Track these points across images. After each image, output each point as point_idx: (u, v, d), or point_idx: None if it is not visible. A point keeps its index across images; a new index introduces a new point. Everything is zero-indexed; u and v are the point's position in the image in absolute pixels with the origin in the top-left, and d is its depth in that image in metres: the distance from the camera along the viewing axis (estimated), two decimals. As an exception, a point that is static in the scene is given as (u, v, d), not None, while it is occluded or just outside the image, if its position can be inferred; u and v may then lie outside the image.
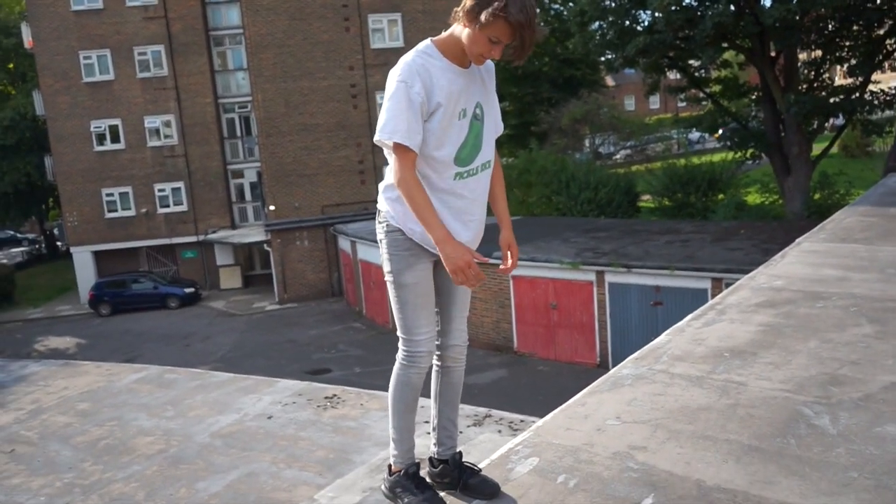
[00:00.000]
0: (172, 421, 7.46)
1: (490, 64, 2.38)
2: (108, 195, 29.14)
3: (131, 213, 29.27)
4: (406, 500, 2.63)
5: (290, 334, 21.72)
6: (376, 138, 2.18)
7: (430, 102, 2.16)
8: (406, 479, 2.72)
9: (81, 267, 29.57)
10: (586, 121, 29.03)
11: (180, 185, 29.29)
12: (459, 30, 2.18)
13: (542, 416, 7.19)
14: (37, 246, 47.73)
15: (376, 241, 2.64)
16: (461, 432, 6.56)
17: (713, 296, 12.75)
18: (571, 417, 3.14)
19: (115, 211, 29.25)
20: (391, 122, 2.14)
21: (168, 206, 29.37)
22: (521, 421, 6.77)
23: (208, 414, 7.63)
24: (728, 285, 11.98)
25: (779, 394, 3.18)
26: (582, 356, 15.31)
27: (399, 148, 2.16)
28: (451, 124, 2.23)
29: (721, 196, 21.38)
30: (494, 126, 2.47)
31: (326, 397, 7.82)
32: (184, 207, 29.36)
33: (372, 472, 5.93)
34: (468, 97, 2.28)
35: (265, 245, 26.55)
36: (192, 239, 29.47)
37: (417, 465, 2.76)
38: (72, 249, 30.15)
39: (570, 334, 15.51)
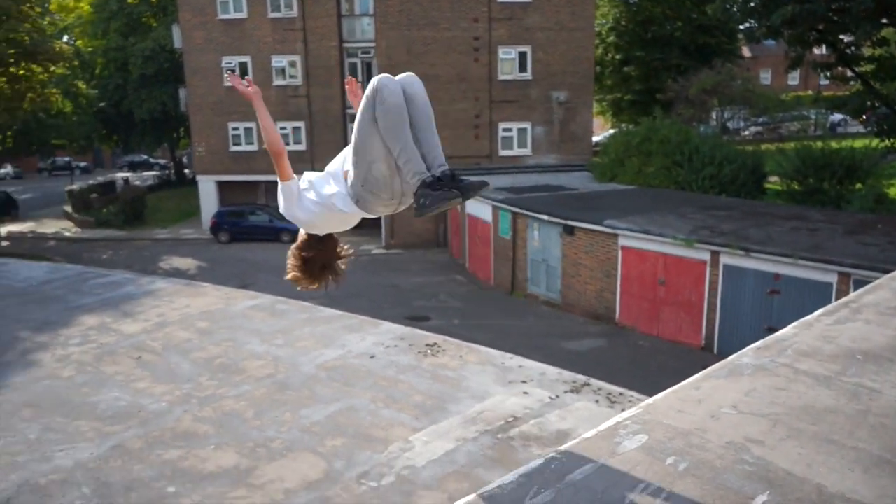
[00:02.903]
0: (281, 349, 7.83)
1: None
2: (233, 129, 30.51)
3: (254, 147, 30.54)
4: (427, 198, 3.00)
5: (393, 279, 22.24)
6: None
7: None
8: (423, 186, 3.04)
9: (205, 195, 31.32)
10: (716, 92, 27.53)
11: (301, 124, 30.22)
12: None
13: (640, 391, 7.08)
14: (167, 172, 50.86)
15: (485, 197, 3.07)
16: (557, 396, 6.56)
17: (838, 291, 11.99)
18: (684, 400, 3.05)
19: (239, 145, 30.62)
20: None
21: (288, 144, 30.38)
22: (620, 394, 6.67)
23: (314, 346, 7.96)
24: (857, 282, 11.23)
25: (917, 405, 2.96)
26: (686, 336, 14.86)
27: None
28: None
29: (859, 185, 19.85)
30: None
31: (427, 345, 7.97)
32: (302, 147, 30.33)
33: (466, 423, 6.05)
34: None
35: (377, 190, 27.12)
36: (309, 178, 30.48)
37: (431, 175, 3.09)
38: (198, 178, 31.94)
39: (675, 312, 15.06)
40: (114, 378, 7.15)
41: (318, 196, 3.34)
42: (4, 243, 29.83)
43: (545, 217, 17.92)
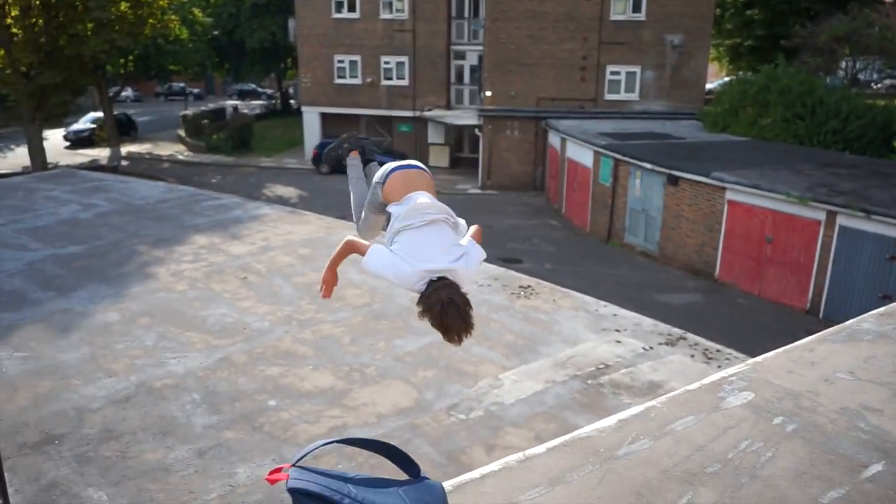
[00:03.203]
0: (378, 280, 8.01)
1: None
2: (339, 62, 30.79)
3: (357, 81, 30.79)
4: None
5: (487, 220, 22.21)
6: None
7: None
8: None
9: (309, 125, 32.02)
10: (849, 40, 25.35)
11: (405, 59, 30.13)
12: None
13: (737, 350, 6.83)
14: (273, 101, 52.18)
15: (587, 142, 2.86)
16: (651, 348, 6.45)
17: (968, 262, 11.08)
18: (795, 361, 2.92)
19: (344, 78, 30.93)
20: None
21: (391, 78, 30.48)
22: (718, 351, 6.48)
23: (410, 280, 8.10)
24: None
25: None
26: (790, 298, 14.20)
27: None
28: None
29: None
30: None
31: (521, 286, 7.97)
32: (405, 82, 30.32)
33: (556, 366, 6.05)
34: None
35: (476, 129, 26.90)
36: (409, 114, 30.55)
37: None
38: (302, 108, 32.61)
39: (781, 272, 14.37)
40: (221, 295, 7.56)
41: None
42: (124, 162, 31.69)
43: (649, 166, 17.31)
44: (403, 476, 1.87)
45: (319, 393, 5.48)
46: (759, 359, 2.97)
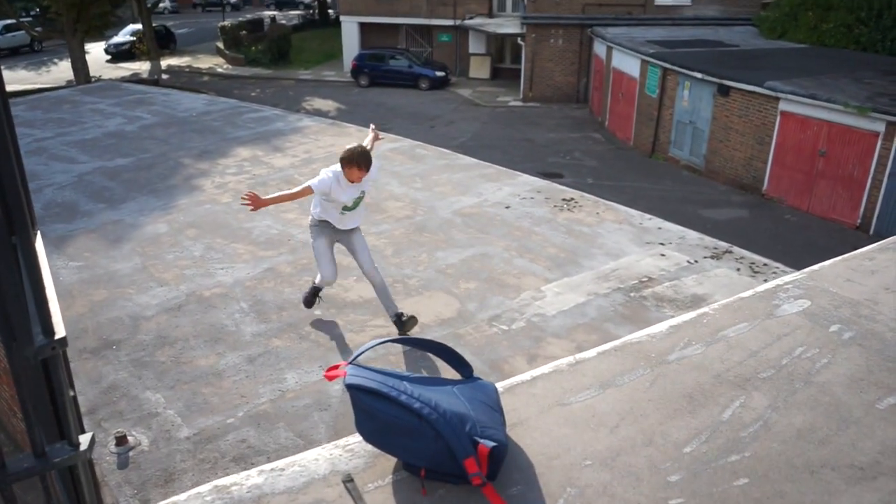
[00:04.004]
0: (420, 192, 7.99)
1: (373, 175, 5.04)
2: (378, -33, 29.81)
3: (397, -12, 29.86)
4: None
5: (528, 133, 21.83)
6: (312, 185, 4.86)
7: (333, 191, 4.84)
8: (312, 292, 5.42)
9: (347, 36, 31.37)
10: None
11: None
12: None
13: (785, 265, 6.68)
14: (310, 11, 51.10)
15: (634, 50, 4.19)
16: (696, 261, 6.35)
17: None
18: (855, 269, 2.83)
19: (383, -15, 30.01)
20: (317, 184, 4.83)
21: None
22: (765, 265, 6.36)
23: (451, 193, 8.06)
24: None
25: None
26: (840, 213, 13.78)
27: (310, 190, 4.84)
28: (340, 201, 4.93)
29: None
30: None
31: (564, 199, 7.86)
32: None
33: (599, 279, 6.02)
34: (353, 192, 4.94)
35: (519, 38, 26.03)
36: (449, 23, 29.65)
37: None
38: (341, 18, 31.88)
39: (832, 187, 13.90)
40: (266, 207, 7.66)
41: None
42: (165, 76, 31.68)
43: (699, 75, 16.60)
44: (456, 377, 1.89)
45: (363, 303, 5.56)
46: (815, 267, 2.89)
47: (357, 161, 4.72)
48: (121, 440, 3.91)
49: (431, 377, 1.78)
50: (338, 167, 4.85)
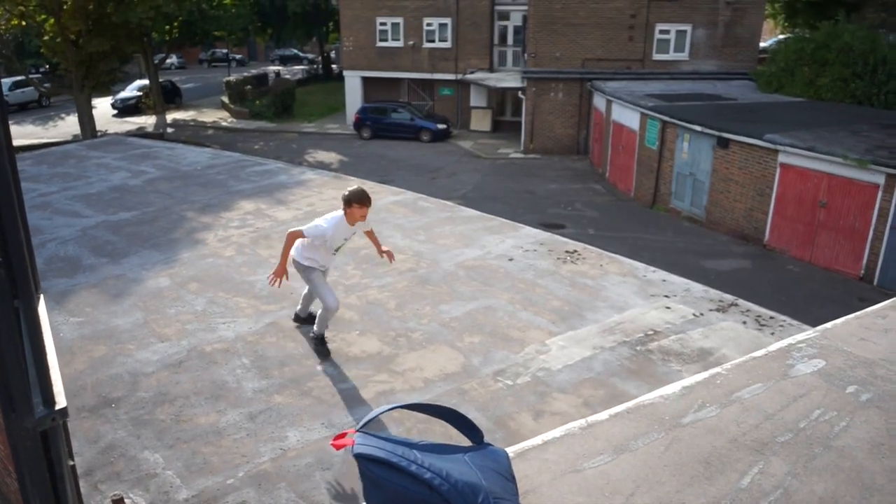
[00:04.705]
0: (423, 245, 7.98)
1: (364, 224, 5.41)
2: (381, 24, 30.53)
3: (399, 44, 30.53)
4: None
5: (529, 184, 22.00)
6: (302, 228, 5.21)
7: (331, 236, 5.18)
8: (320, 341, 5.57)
9: (350, 90, 31.95)
10: (913, -7, 24.09)
11: (447, 21, 29.73)
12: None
13: (790, 317, 6.62)
14: (315, 66, 52.18)
15: (633, 103, 4.91)
16: (702, 314, 6.30)
17: None
18: (868, 328, 2.78)
19: (386, 41, 30.69)
20: (311, 229, 5.18)
21: (433, 41, 30.15)
22: (771, 318, 6.30)
23: (454, 245, 8.05)
24: None
25: None
26: (843, 264, 13.76)
27: (301, 234, 5.19)
28: (335, 244, 5.33)
29: None
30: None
31: (567, 251, 7.85)
32: (447, 44, 29.97)
33: (604, 332, 5.96)
34: (348, 234, 5.35)
35: (519, 92, 26.48)
36: (451, 77, 30.24)
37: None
38: (344, 72, 32.52)
39: (834, 238, 13.92)
40: (268, 260, 7.61)
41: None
42: (170, 129, 32.15)
43: (698, 128, 16.82)
44: (466, 442, 1.84)
45: (367, 358, 5.49)
46: (828, 325, 2.84)
47: (364, 199, 5.09)
48: (118, 503, 3.80)
49: (442, 444, 1.72)
50: (335, 214, 5.19)
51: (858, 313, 2.93)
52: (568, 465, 1.95)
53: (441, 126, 28.74)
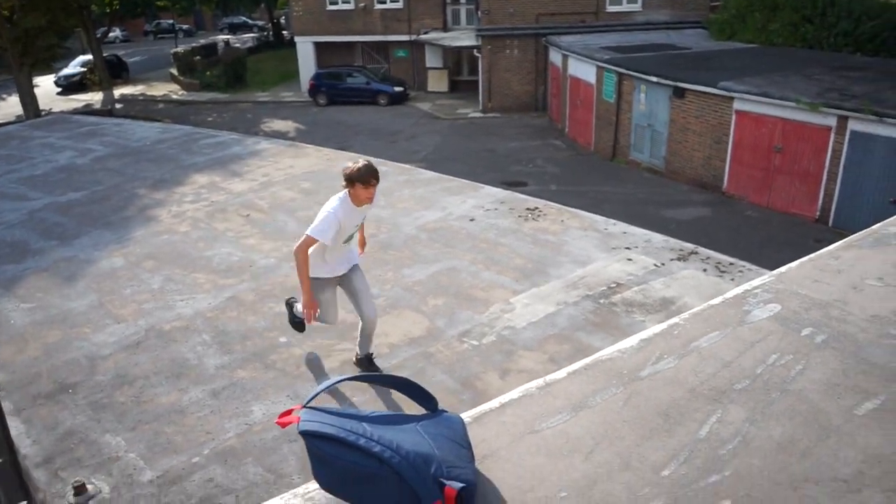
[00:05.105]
0: (383, 210, 7.88)
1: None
2: (331, -14, 29.79)
3: (350, 6, 29.84)
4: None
5: (489, 143, 21.89)
6: (308, 232, 4.18)
7: (342, 223, 4.21)
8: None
9: (303, 56, 31.23)
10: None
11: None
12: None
13: (749, 262, 6.71)
14: (265, 33, 50.86)
15: (589, 57, 4.36)
16: (663, 264, 6.34)
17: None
18: (822, 269, 2.79)
19: (336, 3, 29.96)
20: (319, 227, 4.16)
21: (384, 1, 29.53)
22: (731, 264, 6.37)
23: (415, 208, 7.97)
24: None
25: None
26: (799, 208, 14.01)
27: (312, 239, 4.18)
28: (346, 233, 4.34)
29: None
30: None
31: (528, 209, 7.82)
32: (399, 5, 29.39)
33: (567, 287, 5.97)
34: (359, 218, 4.42)
35: (475, 51, 26.17)
36: (405, 38, 29.73)
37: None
38: (295, 39, 31.75)
39: (790, 182, 14.14)
40: (225, 234, 7.44)
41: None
42: (118, 105, 31.15)
43: (654, 79, 16.83)
44: (421, 411, 1.79)
45: (330, 327, 5.42)
46: (783, 269, 2.85)
47: (371, 176, 4.12)
48: (79, 490, 3.71)
49: (393, 414, 1.68)
50: (337, 197, 4.24)
51: (812, 255, 2.94)
52: (526, 426, 1.92)
53: (398, 89, 28.34)
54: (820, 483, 1.70)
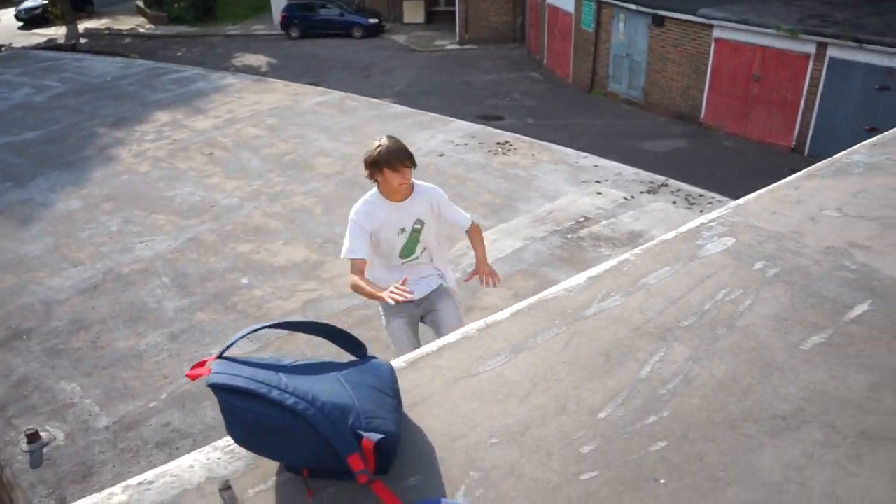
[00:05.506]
0: (350, 146, 7.69)
1: (435, 193, 3.33)
2: (299, -89, 28.42)
3: (321, -68, 28.58)
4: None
5: (466, 76, 21.40)
6: (347, 252, 3.13)
7: (373, 228, 3.15)
8: None
9: (274, -14, 30.05)
10: None
11: None
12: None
13: (722, 194, 6.66)
14: (234, -39, 48.79)
15: None
16: (633, 197, 6.27)
17: (961, 87, 10.74)
18: (780, 201, 2.71)
19: (306, -72, 28.68)
20: (347, 245, 3.13)
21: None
22: (700, 195, 6.31)
23: (383, 144, 7.77)
24: None
25: None
26: (775, 136, 13.91)
27: (352, 263, 3.11)
28: (391, 242, 3.23)
29: None
30: (439, 228, 3.37)
31: (498, 143, 7.66)
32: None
33: (535, 222, 5.88)
34: (404, 219, 3.21)
35: (450, -21, 25.31)
36: (379, -34, 28.65)
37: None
38: (265, -34, 30.47)
39: (767, 111, 13.98)
40: (187, 173, 7.24)
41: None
42: (83, 40, 30.00)
43: (633, 6, 16.37)
44: (350, 358, 1.70)
45: (293, 267, 5.32)
46: (741, 201, 2.77)
47: (400, 155, 3.05)
48: (33, 437, 3.66)
49: (315, 362, 1.58)
50: (366, 196, 3.21)
51: (771, 186, 2.85)
52: (462, 370, 1.85)
53: (373, 20, 27.44)
54: (759, 421, 1.65)
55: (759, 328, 1.99)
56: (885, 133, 3.29)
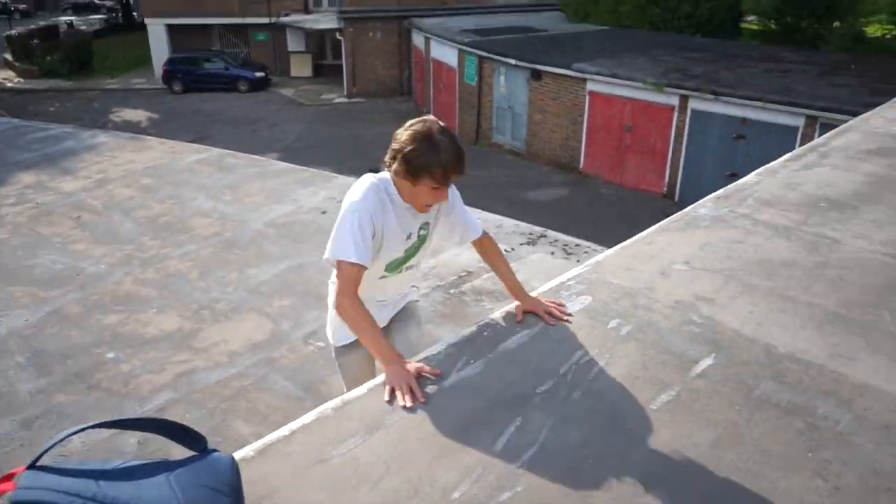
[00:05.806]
0: (229, 205, 7.48)
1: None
2: (180, -36, 28.11)
3: (204, -15, 28.34)
4: None
5: (354, 130, 21.54)
6: (327, 255, 2.30)
7: (378, 227, 2.28)
8: None
9: (156, 40, 29.40)
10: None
11: (253, -40, 27.92)
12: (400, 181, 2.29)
13: (600, 241, 6.91)
14: (114, 14, 47.50)
15: (451, 40, 2.62)
16: (514, 249, 6.39)
17: (804, 136, 11.79)
18: (635, 256, 2.82)
19: (188, -17, 28.37)
20: (346, 243, 2.23)
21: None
22: (577, 245, 6.52)
23: (264, 202, 7.61)
24: (824, 125, 10.99)
25: (878, 257, 2.78)
26: (649, 184, 14.74)
27: (348, 269, 2.20)
28: (394, 243, 2.36)
29: (837, 24, 19.09)
30: (438, 233, 2.64)
31: (382, 199, 7.67)
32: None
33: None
34: (412, 222, 2.39)
35: (337, 34, 25.60)
36: (264, 20, 28.62)
37: None
38: (146, 20, 29.82)
39: (640, 160, 14.83)
40: (51, 240, 6.79)
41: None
42: (-58, 97, 28.07)
43: (512, 61, 17.09)
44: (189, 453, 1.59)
45: (165, 337, 5.05)
46: (599, 258, 2.86)
47: (451, 167, 2.28)
48: None
49: (143, 464, 1.47)
50: (371, 181, 2.35)
51: (628, 242, 2.97)
52: (314, 455, 1.77)
53: (259, 74, 27.27)
54: (610, 490, 1.67)
55: (611, 389, 2.03)
56: (728, 186, 3.52)
